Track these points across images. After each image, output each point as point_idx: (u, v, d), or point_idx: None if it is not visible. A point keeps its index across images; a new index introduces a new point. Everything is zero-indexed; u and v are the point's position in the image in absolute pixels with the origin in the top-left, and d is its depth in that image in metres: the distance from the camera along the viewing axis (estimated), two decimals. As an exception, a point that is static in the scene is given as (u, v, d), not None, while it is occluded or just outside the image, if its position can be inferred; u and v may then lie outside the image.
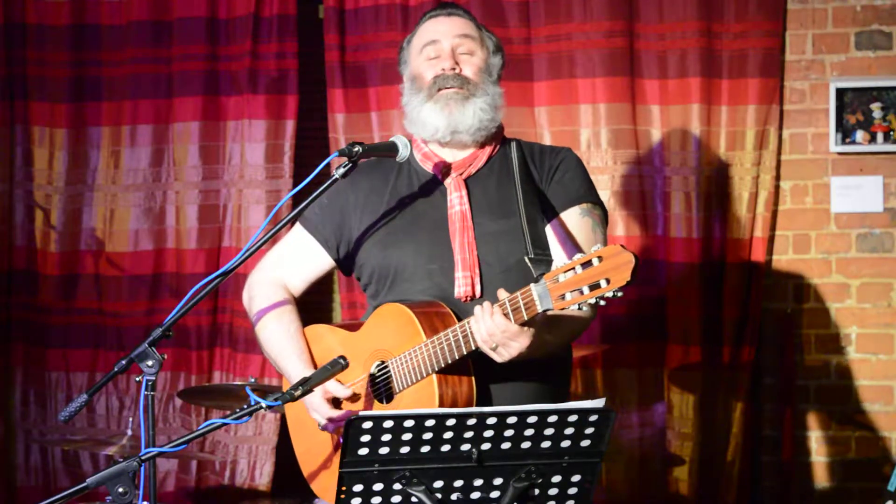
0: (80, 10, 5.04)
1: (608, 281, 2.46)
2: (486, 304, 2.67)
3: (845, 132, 4.71)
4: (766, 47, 4.69)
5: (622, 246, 2.46)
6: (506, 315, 2.64)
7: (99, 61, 5.05)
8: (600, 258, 2.47)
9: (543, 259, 2.70)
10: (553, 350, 2.89)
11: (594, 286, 2.48)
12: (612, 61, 4.72)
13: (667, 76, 4.72)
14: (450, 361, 2.74)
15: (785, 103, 4.76)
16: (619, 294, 2.46)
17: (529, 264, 2.64)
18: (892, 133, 4.69)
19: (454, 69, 3.00)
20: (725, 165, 4.71)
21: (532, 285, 2.59)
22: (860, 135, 4.71)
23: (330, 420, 2.92)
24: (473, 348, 2.71)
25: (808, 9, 4.76)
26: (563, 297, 2.52)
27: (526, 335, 2.66)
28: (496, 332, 2.65)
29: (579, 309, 2.53)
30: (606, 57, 4.72)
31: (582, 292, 2.49)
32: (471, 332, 2.70)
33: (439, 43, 3.03)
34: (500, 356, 2.70)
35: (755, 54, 4.68)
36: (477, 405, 2.79)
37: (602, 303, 2.49)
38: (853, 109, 4.70)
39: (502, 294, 2.67)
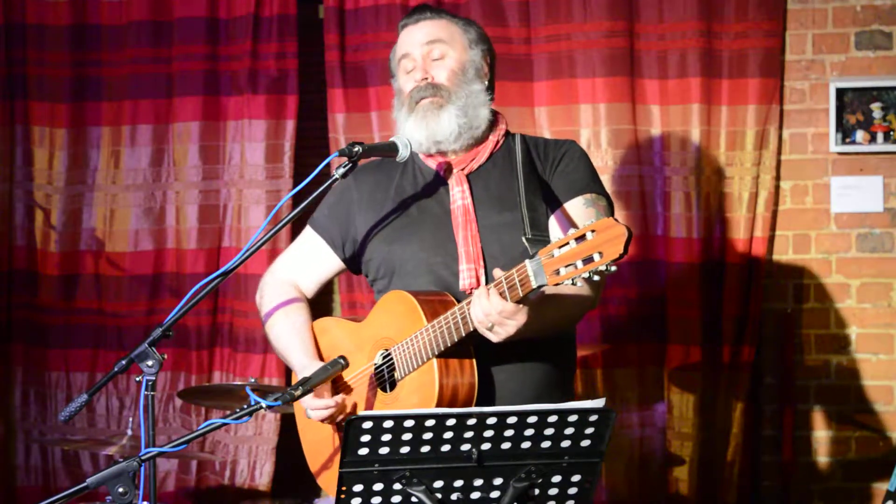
0: (80, 10, 5.04)
1: (601, 254, 2.45)
2: (482, 286, 2.67)
3: (845, 132, 4.71)
4: (766, 47, 4.69)
5: (615, 219, 2.46)
6: (501, 294, 2.63)
7: (99, 61, 5.05)
8: (594, 231, 2.47)
9: (541, 239, 2.70)
10: (553, 330, 2.89)
11: (588, 260, 2.47)
12: (612, 61, 4.72)
13: (667, 76, 4.72)
14: (449, 345, 2.74)
15: (785, 103, 4.76)
16: (613, 268, 2.45)
17: (526, 243, 2.64)
18: (892, 133, 4.69)
19: (426, 79, 3.00)
20: (725, 165, 4.71)
21: (527, 261, 2.58)
22: (860, 135, 4.71)
23: (314, 409, 2.92)
24: (472, 329, 2.71)
25: (808, 9, 4.76)
26: (557, 272, 2.52)
27: (522, 313, 2.66)
28: (492, 312, 2.64)
29: (573, 284, 2.52)
30: (606, 57, 4.72)
31: (576, 267, 2.49)
32: (469, 313, 2.69)
33: (411, 55, 3.04)
34: (497, 335, 2.69)
35: (755, 54, 4.68)
36: (479, 390, 2.79)
37: (596, 277, 2.48)
38: (853, 109, 4.70)
39: (498, 273, 2.67)
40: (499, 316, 2.65)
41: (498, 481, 2.49)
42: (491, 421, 2.43)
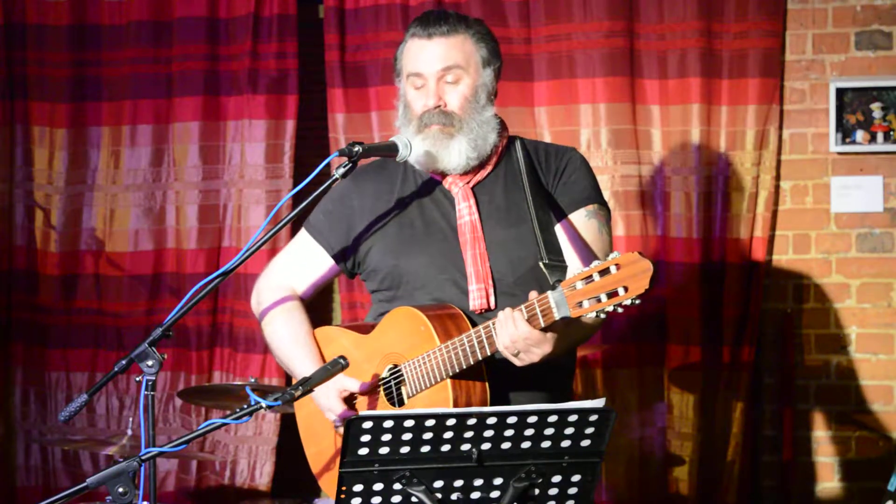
0: (80, 10, 5.04)
1: (626, 289, 2.46)
2: (508, 310, 2.67)
3: (845, 132, 4.71)
4: (766, 47, 4.69)
5: (640, 253, 2.47)
6: (526, 322, 2.64)
7: (99, 61, 5.05)
8: (618, 266, 2.47)
9: (558, 265, 2.69)
10: (563, 353, 2.88)
11: (612, 294, 2.48)
12: (612, 61, 4.72)
13: (667, 76, 4.72)
14: (464, 366, 2.74)
15: (785, 103, 4.76)
16: (637, 302, 2.47)
17: (545, 270, 2.64)
18: (892, 133, 4.69)
19: (438, 106, 2.94)
20: (725, 165, 4.71)
21: (549, 293, 2.59)
22: (860, 135, 4.71)
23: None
24: (489, 353, 2.72)
25: (808, 9, 4.76)
26: (580, 304, 2.53)
27: (548, 342, 2.67)
28: (519, 339, 2.65)
29: (597, 316, 2.53)
30: (606, 57, 4.72)
31: (599, 300, 2.50)
32: (486, 338, 2.70)
33: (423, 75, 2.95)
34: (521, 361, 2.71)
35: (755, 54, 4.68)
36: None
37: (619, 310, 2.49)
38: (853, 109, 4.70)
39: (532, 294, 2.66)
40: (525, 343, 2.66)
41: (498, 481, 2.49)
42: (491, 421, 2.43)
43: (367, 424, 2.39)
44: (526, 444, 2.46)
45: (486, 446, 2.45)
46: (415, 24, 3.01)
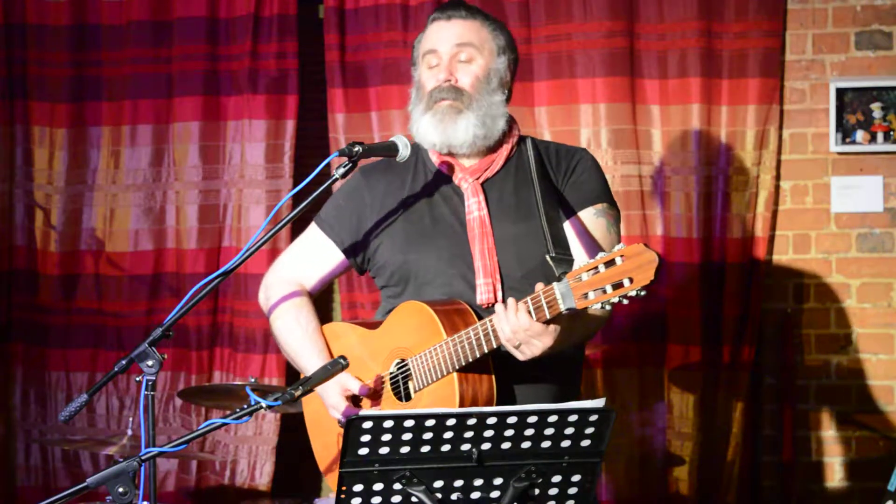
0: (80, 10, 5.04)
1: (631, 280, 2.46)
2: (511, 300, 2.67)
3: (845, 132, 4.71)
4: (766, 47, 4.69)
5: (645, 245, 2.47)
6: (528, 313, 2.64)
7: (99, 61, 5.05)
8: (623, 257, 2.47)
9: (564, 258, 2.69)
10: (570, 347, 2.89)
11: (617, 285, 2.48)
12: (612, 61, 4.72)
13: (667, 76, 4.73)
14: (470, 360, 2.74)
15: (785, 103, 4.76)
16: (643, 293, 2.46)
17: (551, 262, 2.64)
18: (892, 133, 4.69)
19: (449, 81, 2.97)
20: (725, 165, 4.71)
21: (555, 284, 2.58)
22: (860, 135, 4.71)
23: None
24: (495, 346, 2.71)
25: (808, 9, 4.76)
26: (585, 295, 2.52)
27: (549, 334, 2.66)
28: (520, 330, 2.65)
29: (602, 308, 2.53)
30: (606, 57, 4.72)
31: (605, 291, 2.49)
32: (492, 330, 2.69)
33: (438, 52, 3.00)
34: (523, 354, 2.70)
35: (755, 54, 4.68)
36: (497, 405, 2.79)
37: (625, 301, 2.49)
38: (853, 109, 4.71)
39: (539, 286, 2.66)
40: (526, 334, 2.65)
41: (498, 481, 2.49)
42: (491, 421, 2.43)
43: (367, 424, 2.39)
44: (526, 444, 2.46)
45: (486, 446, 2.45)
46: (435, 12, 3.08)
